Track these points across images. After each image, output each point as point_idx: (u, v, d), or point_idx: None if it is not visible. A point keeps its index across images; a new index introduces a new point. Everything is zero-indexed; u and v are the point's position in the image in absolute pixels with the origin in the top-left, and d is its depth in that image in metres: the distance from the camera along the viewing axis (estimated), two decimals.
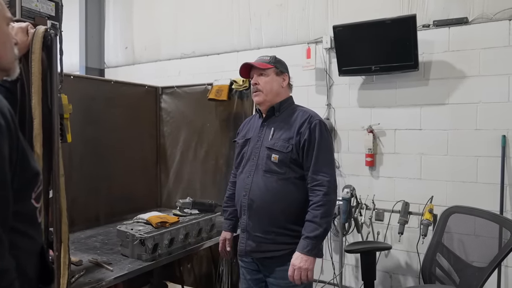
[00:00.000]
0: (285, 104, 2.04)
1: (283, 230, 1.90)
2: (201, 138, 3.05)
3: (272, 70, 2.03)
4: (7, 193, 0.91)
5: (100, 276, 1.79)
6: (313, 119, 1.93)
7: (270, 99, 2.01)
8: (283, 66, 2.09)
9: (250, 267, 2.03)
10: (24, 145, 1.01)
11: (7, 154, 0.91)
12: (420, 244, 2.75)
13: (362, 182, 3.26)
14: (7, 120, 0.92)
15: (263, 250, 1.93)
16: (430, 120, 3.05)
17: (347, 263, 3.39)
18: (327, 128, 1.96)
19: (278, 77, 2.04)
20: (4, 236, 0.88)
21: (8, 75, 1.12)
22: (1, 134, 0.89)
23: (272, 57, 2.09)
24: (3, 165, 0.90)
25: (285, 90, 2.07)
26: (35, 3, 1.67)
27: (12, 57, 1.11)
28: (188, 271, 2.84)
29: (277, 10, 3.74)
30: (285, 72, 2.07)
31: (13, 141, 0.93)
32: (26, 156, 1.00)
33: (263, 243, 1.92)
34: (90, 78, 3.14)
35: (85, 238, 2.39)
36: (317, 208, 1.82)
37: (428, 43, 3.02)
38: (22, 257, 1.01)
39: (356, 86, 3.35)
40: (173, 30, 4.40)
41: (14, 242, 0.96)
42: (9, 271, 0.88)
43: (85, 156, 2.61)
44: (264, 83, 2.01)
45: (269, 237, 1.90)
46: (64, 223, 1.58)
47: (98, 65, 4.90)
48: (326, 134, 1.94)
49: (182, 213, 2.45)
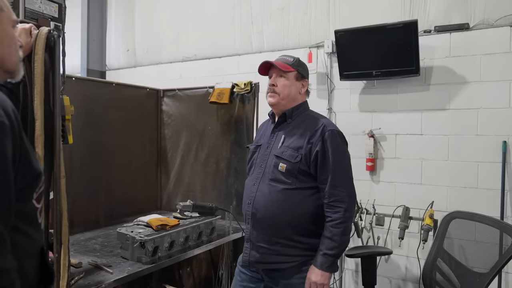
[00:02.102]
0: (299, 110, 1.93)
1: (290, 242, 1.81)
2: (202, 141, 3.04)
3: (293, 74, 1.91)
4: (10, 191, 0.92)
5: (100, 278, 1.78)
6: (326, 129, 1.81)
7: (285, 103, 1.90)
8: (305, 71, 1.97)
9: (254, 275, 1.93)
10: (27, 145, 1.01)
11: (10, 153, 0.91)
12: (420, 249, 2.75)
13: (362, 187, 3.25)
14: (11, 120, 0.92)
15: (267, 262, 1.85)
16: (431, 125, 3.06)
17: (347, 267, 3.38)
18: (342, 137, 1.86)
19: (298, 82, 1.92)
20: (6, 234, 0.88)
21: (13, 77, 1.13)
22: (5, 133, 0.90)
23: (296, 59, 1.95)
24: (6, 164, 0.90)
25: (302, 96, 1.96)
26: (38, 5, 1.67)
27: (17, 59, 1.12)
28: (187, 275, 2.82)
29: (279, 14, 3.75)
30: (305, 78, 1.95)
31: (16, 140, 0.94)
32: (29, 156, 1.00)
33: (267, 254, 1.83)
34: (92, 80, 3.13)
35: (85, 240, 2.38)
36: (338, 226, 1.74)
37: (429, 49, 3.03)
38: (22, 257, 1.01)
39: (357, 90, 3.36)
40: (175, 33, 4.41)
41: (15, 241, 0.96)
42: (9, 270, 0.88)
43: (86, 158, 2.61)
44: (282, 86, 1.89)
45: (274, 248, 1.82)
46: (64, 224, 1.57)
47: (99, 67, 4.91)
48: (342, 144, 1.85)
49: (183, 216, 2.44)
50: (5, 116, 0.90)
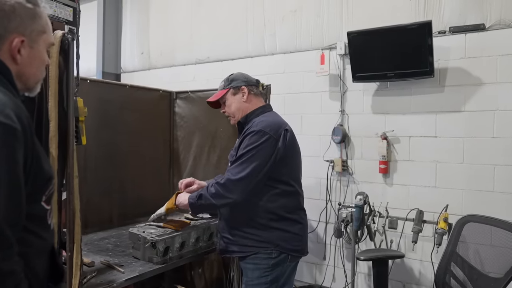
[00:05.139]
0: (252, 115, 2.08)
1: (243, 233, 2.00)
2: (214, 143, 3.05)
3: (227, 93, 2.11)
4: (21, 196, 0.94)
5: (112, 277, 1.81)
6: (248, 130, 1.99)
7: (239, 117, 2.10)
8: (238, 80, 2.12)
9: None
10: (39, 150, 1.03)
11: (22, 158, 0.94)
12: (434, 253, 2.71)
13: (375, 189, 3.23)
14: (23, 126, 0.95)
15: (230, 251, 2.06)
16: (446, 127, 3.01)
17: (360, 271, 3.35)
18: (261, 135, 1.94)
19: (237, 95, 2.09)
20: (13, 239, 0.90)
21: (30, 92, 1.17)
22: (17, 140, 0.92)
23: (226, 79, 2.15)
24: (17, 169, 0.93)
25: (250, 101, 2.10)
26: (54, 8, 1.71)
27: (40, 78, 1.17)
28: (199, 276, 2.83)
29: (292, 16, 3.75)
30: (241, 86, 2.09)
31: (28, 146, 0.96)
32: (40, 161, 1.02)
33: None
34: (106, 82, 3.18)
35: (98, 240, 2.41)
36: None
37: (444, 50, 2.99)
38: (32, 256, 1.04)
39: (370, 92, 3.33)
40: (189, 36, 4.45)
41: (25, 240, 0.98)
42: (16, 272, 0.90)
43: (100, 158, 2.64)
44: (228, 108, 2.12)
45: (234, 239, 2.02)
46: (77, 224, 1.60)
47: (114, 70, 4.98)
48: (255, 140, 1.94)
49: (194, 217, 2.46)
50: (18, 122, 0.93)
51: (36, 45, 1.11)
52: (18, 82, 1.08)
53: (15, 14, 1.04)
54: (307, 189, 2.25)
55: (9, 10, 1.03)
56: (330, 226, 3.47)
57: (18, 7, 1.04)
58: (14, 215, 0.92)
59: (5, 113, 0.91)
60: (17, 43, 1.05)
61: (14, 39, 1.04)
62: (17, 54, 1.05)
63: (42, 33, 1.11)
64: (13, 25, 1.04)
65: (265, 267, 1.96)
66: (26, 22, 1.06)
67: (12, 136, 0.91)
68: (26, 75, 1.10)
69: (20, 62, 1.07)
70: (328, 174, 3.48)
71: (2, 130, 0.89)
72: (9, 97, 0.99)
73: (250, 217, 1.98)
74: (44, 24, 1.12)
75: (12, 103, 0.97)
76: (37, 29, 1.10)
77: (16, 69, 1.06)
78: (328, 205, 3.50)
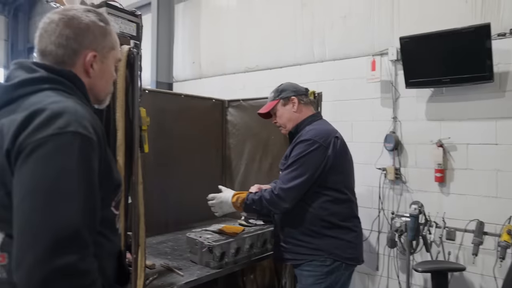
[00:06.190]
0: (302, 125, 2.14)
1: (296, 241, 2.05)
2: (265, 150, 3.09)
3: (277, 104, 2.17)
4: (96, 202, 1.01)
5: (172, 280, 1.88)
6: (298, 139, 2.04)
7: (291, 128, 2.17)
8: (288, 91, 2.17)
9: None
10: (110, 159, 1.12)
11: (97, 167, 1.01)
12: (497, 267, 2.57)
13: (430, 199, 3.12)
14: (98, 136, 1.03)
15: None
16: (507, 134, 2.86)
17: (414, 283, 3.23)
18: (311, 143, 1.98)
19: (287, 106, 2.16)
20: (90, 240, 0.96)
21: (100, 104, 1.28)
22: (93, 149, 1.00)
23: (275, 90, 2.21)
24: (94, 178, 1.00)
25: (301, 111, 2.16)
26: (119, 25, 1.82)
27: (109, 92, 1.28)
28: (251, 282, 2.86)
29: (341, 22, 3.73)
30: (291, 96, 2.14)
31: (102, 155, 1.04)
32: (111, 169, 1.10)
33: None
34: (162, 92, 3.31)
35: (156, 244, 2.51)
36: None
37: (504, 53, 2.85)
38: (103, 257, 1.11)
39: (424, 98, 3.24)
40: (238, 45, 4.54)
41: (98, 242, 1.05)
42: (91, 271, 0.96)
43: (156, 166, 2.75)
44: (279, 119, 2.19)
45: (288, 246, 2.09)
46: (141, 228, 1.68)
47: (167, 79, 5.18)
48: (305, 148, 1.98)
49: (248, 224, 2.50)
50: (94, 133, 1.01)
51: (106, 60, 1.20)
52: (90, 95, 1.18)
53: (89, 31, 1.14)
54: (358, 197, 2.23)
55: (84, 27, 1.13)
56: (382, 235, 3.39)
57: (92, 25, 1.14)
58: (90, 218, 0.99)
59: (83, 125, 0.99)
60: (90, 58, 1.14)
61: (87, 54, 1.14)
62: (90, 68, 1.15)
63: (111, 49, 1.21)
64: (87, 42, 1.14)
65: (319, 275, 1.98)
66: (98, 39, 1.16)
67: (89, 146, 0.99)
68: (97, 88, 1.20)
69: (93, 75, 1.16)
70: (381, 182, 3.41)
71: (81, 141, 0.97)
72: (86, 109, 1.07)
73: (303, 225, 2.01)
74: (114, 41, 1.22)
75: (88, 114, 1.05)
76: (107, 45, 1.19)
77: (88, 82, 1.16)
78: (380, 214, 3.42)
